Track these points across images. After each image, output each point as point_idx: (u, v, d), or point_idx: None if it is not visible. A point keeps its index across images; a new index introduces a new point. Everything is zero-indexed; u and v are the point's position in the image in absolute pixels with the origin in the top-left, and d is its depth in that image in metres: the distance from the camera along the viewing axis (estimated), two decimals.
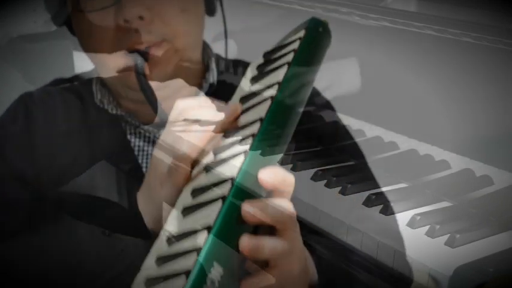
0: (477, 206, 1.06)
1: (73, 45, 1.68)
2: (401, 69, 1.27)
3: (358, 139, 1.28)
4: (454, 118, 1.19)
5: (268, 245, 0.63)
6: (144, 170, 0.94)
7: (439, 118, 1.21)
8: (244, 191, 0.63)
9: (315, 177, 1.14)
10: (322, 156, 1.22)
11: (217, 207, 0.62)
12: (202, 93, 0.97)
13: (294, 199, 0.67)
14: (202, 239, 0.60)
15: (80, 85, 1.00)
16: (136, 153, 0.95)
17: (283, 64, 0.74)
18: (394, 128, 1.28)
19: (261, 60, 0.81)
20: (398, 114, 1.29)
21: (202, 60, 1.00)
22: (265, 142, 0.66)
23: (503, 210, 1.03)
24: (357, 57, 1.34)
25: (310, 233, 1.01)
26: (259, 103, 0.71)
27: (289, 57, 0.75)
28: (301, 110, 0.72)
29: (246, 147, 0.65)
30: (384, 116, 1.30)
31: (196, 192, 0.67)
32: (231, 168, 0.65)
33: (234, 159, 0.65)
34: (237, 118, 0.70)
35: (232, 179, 0.63)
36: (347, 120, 1.28)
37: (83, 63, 1.61)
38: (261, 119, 0.67)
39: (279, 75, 0.73)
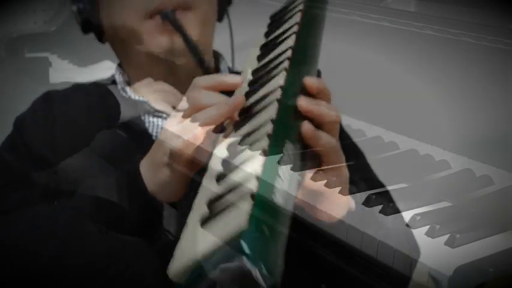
0: (477, 206, 1.06)
1: (50, 59, 1.68)
2: (401, 69, 1.27)
3: (358, 139, 1.28)
4: (454, 118, 1.19)
5: (324, 135, 0.73)
6: None
7: (439, 118, 1.21)
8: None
9: (314, 178, 1.14)
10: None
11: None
12: None
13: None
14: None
15: (101, 81, 1.05)
16: (152, 136, 0.97)
17: (292, 31, 0.80)
18: (394, 128, 1.28)
19: (262, 39, 0.86)
20: (398, 114, 1.29)
21: (214, 61, 1.04)
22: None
23: (503, 210, 1.03)
24: (357, 57, 1.34)
25: (310, 233, 1.01)
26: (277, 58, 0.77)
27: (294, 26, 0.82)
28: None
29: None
30: (384, 116, 1.30)
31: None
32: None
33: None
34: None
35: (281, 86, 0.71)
36: (347, 120, 1.28)
37: (58, 75, 1.62)
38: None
39: (291, 40, 0.79)
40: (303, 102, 0.72)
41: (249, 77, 0.79)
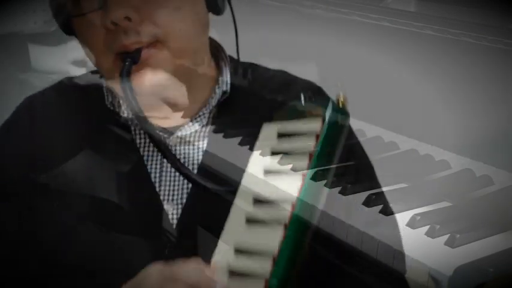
0: (477, 206, 1.06)
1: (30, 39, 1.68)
2: (401, 69, 1.27)
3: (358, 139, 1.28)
4: (454, 118, 1.19)
5: None
6: (149, 170, 0.92)
7: (439, 118, 1.21)
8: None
9: (314, 178, 1.14)
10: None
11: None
12: (213, 100, 0.95)
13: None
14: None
15: (91, 85, 0.98)
16: (145, 158, 0.93)
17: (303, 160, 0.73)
18: (394, 128, 1.28)
19: (270, 142, 0.77)
20: (398, 114, 1.29)
21: (214, 62, 0.97)
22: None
23: (503, 210, 1.03)
24: (357, 57, 1.34)
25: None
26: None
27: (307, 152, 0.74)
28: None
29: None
30: (384, 116, 1.30)
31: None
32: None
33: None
34: None
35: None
36: None
37: (39, 57, 1.61)
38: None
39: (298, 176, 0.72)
40: None
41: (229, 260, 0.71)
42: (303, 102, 0.76)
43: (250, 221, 0.68)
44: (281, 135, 0.74)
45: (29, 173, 0.92)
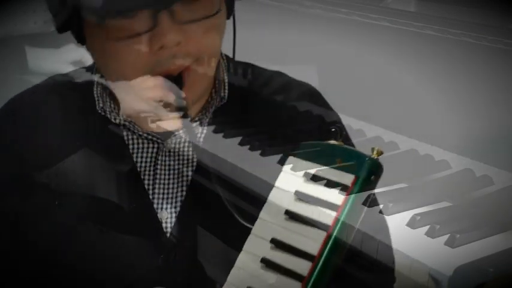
0: (477, 206, 1.06)
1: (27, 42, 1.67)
2: (401, 69, 1.27)
3: (358, 139, 1.27)
4: (454, 118, 1.19)
5: None
6: (142, 177, 0.90)
7: (439, 118, 1.21)
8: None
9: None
10: None
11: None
12: (211, 108, 0.92)
13: None
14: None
15: (80, 87, 0.94)
16: (138, 165, 0.90)
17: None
18: (394, 128, 1.28)
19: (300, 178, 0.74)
20: (398, 114, 1.29)
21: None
22: None
23: (503, 210, 1.03)
24: (357, 57, 1.34)
25: None
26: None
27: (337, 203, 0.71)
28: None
29: None
30: (384, 116, 1.30)
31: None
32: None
33: None
34: None
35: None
36: (347, 120, 1.28)
37: (37, 57, 1.59)
38: None
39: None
40: None
41: None
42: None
43: (279, 244, 0.67)
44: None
45: (14, 175, 0.89)
